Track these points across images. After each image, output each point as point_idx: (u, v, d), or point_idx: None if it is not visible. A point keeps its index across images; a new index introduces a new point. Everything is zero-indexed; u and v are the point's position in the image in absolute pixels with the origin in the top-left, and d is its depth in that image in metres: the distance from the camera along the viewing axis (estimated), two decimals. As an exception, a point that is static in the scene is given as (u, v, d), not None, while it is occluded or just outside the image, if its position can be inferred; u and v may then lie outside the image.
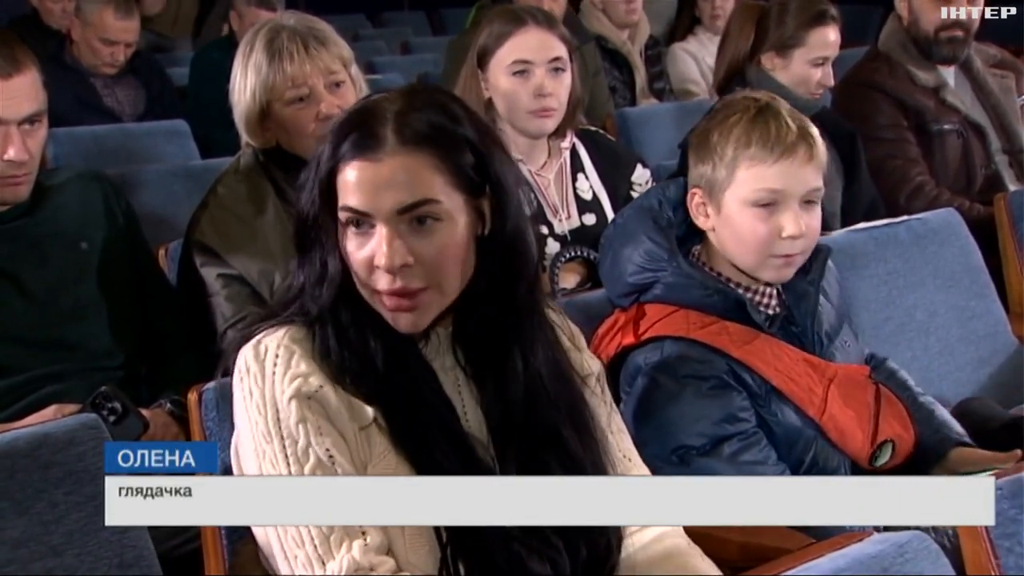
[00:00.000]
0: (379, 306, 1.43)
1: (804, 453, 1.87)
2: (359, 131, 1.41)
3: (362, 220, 1.41)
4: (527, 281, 1.47)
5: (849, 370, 1.93)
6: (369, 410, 1.41)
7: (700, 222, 1.92)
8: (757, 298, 1.91)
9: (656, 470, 1.65)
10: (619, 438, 1.59)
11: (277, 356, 1.41)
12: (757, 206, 1.84)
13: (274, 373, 1.40)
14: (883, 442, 1.89)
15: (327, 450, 1.38)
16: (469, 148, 1.43)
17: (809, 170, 1.85)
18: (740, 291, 1.90)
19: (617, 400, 1.75)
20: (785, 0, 3.09)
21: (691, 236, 1.97)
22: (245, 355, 1.43)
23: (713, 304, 1.87)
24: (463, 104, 1.50)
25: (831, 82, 3.11)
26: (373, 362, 1.43)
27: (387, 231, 1.39)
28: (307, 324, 1.45)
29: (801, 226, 1.84)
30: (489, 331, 1.47)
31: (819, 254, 1.95)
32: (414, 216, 1.40)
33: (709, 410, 1.82)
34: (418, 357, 1.47)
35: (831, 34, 3.06)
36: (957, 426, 2.02)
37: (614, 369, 1.90)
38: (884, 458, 1.90)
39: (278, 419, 1.39)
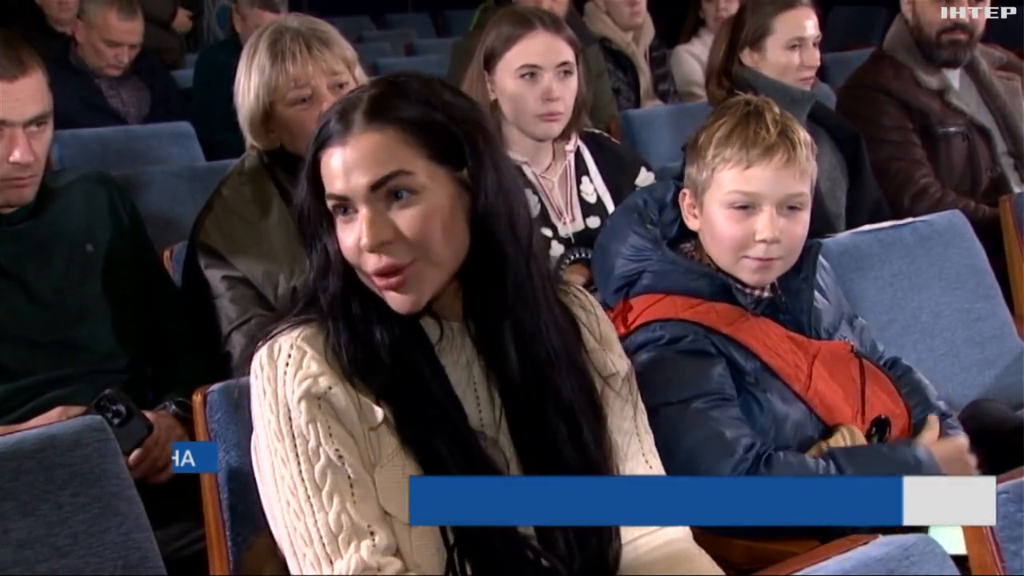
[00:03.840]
0: (378, 291, 1.44)
1: (792, 435, 1.86)
2: (334, 119, 1.44)
3: (345, 205, 1.42)
4: (519, 256, 1.46)
5: (831, 346, 1.94)
6: (379, 411, 1.42)
7: (690, 223, 1.94)
8: (748, 289, 1.92)
9: None
10: (644, 439, 1.59)
11: (289, 356, 1.42)
12: (732, 208, 1.86)
13: (285, 373, 1.41)
14: (878, 419, 1.90)
15: (336, 450, 1.38)
16: (442, 123, 1.42)
17: (788, 175, 1.85)
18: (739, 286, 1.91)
19: None
20: None
21: (683, 236, 1.99)
22: (260, 355, 1.44)
23: (699, 288, 1.89)
24: (446, 84, 1.50)
25: (815, 63, 3.08)
26: (381, 357, 1.44)
27: (366, 210, 1.40)
28: (321, 321, 1.46)
29: (775, 231, 1.84)
30: (487, 312, 1.47)
31: (809, 251, 1.96)
32: (387, 190, 1.40)
33: (687, 370, 1.83)
34: (427, 351, 1.47)
35: (800, 16, 3.05)
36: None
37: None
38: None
39: (289, 419, 1.40)
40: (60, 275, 2.17)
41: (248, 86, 2.30)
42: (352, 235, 1.42)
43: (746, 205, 1.85)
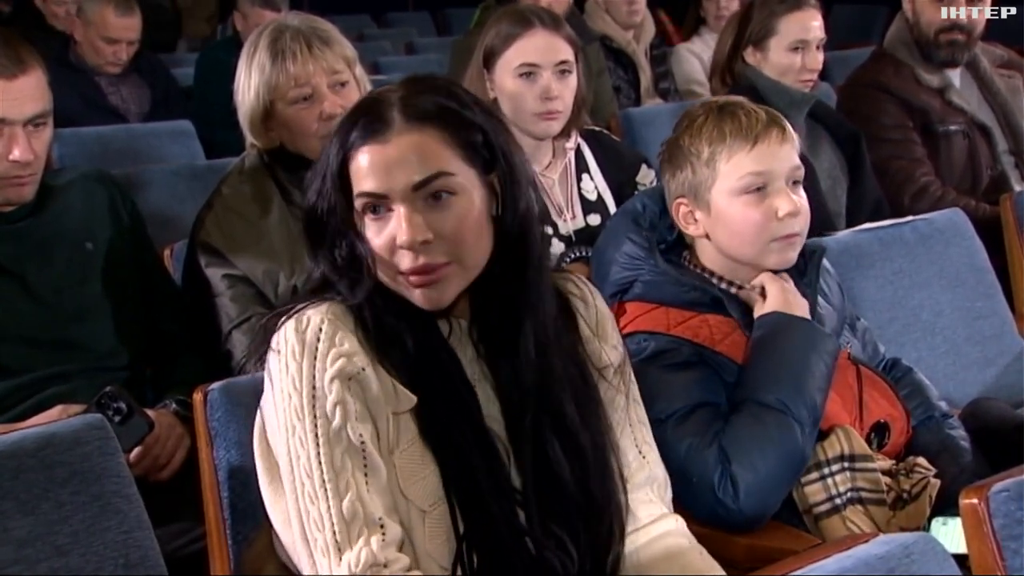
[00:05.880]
0: (403, 287, 1.43)
1: None
2: (366, 118, 1.42)
3: (379, 204, 1.41)
4: (536, 260, 1.48)
5: None
6: (411, 396, 1.41)
7: (690, 231, 1.92)
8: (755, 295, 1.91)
9: None
10: (637, 430, 1.59)
11: (321, 330, 1.39)
12: (746, 193, 1.85)
13: (316, 349, 1.39)
14: (877, 424, 1.90)
15: (359, 435, 1.37)
16: (476, 126, 1.44)
17: (787, 150, 1.86)
18: (732, 289, 1.90)
19: None
20: None
21: (682, 240, 1.98)
22: (285, 328, 1.41)
23: (690, 300, 1.88)
24: (465, 89, 1.51)
25: (818, 66, 3.09)
26: (405, 346, 1.43)
27: (405, 209, 1.40)
28: (345, 302, 1.44)
29: (795, 203, 1.84)
30: (504, 312, 1.47)
31: (814, 255, 1.95)
32: (429, 191, 1.40)
33: (679, 383, 1.82)
34: (446, 346, 1.47)
35: (805, 19, 3.05)
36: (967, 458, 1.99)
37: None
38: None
39: (314, 396, 1.37)
40: (60, 274, 2.17)
41: (248, 85, 2.29)
42: (385, 233, 1.41)
43: (760, 187, 1.84)
